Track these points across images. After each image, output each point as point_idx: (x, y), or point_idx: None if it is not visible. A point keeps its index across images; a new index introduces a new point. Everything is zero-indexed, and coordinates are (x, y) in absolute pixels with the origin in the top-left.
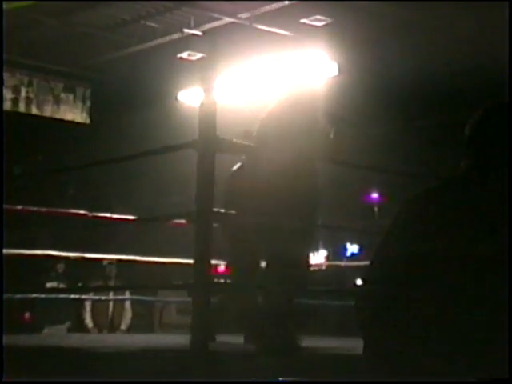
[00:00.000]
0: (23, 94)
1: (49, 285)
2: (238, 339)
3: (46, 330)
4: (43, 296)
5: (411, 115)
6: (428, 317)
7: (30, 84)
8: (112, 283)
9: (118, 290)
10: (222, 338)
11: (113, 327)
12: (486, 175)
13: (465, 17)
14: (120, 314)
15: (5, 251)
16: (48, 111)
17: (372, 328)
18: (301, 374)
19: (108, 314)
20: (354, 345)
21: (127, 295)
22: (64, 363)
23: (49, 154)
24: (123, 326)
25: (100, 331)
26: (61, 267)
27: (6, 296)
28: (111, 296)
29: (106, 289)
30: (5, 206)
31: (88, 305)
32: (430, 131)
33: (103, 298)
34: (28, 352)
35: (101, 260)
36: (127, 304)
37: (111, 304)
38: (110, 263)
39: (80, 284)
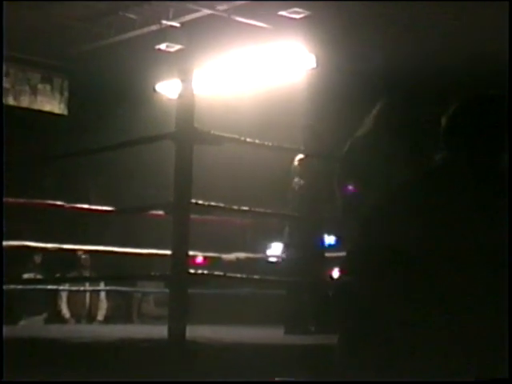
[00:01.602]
0: None
1: (26, 276)
2: (213, 330)
3: (22, 322)
4: (20, 287)
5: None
6: (405, 307)
7: (6, 74)
8: (87, 273)
9: (94, 280)
10: (198, 329)
11: (90, 318)
12: (460, 167)
13: (448, 11)
14: (96, 304)
15: None
16: (25, 102)
17: (348, 319)
18: None
19: (85, 304)
20: None
21: (102, 286)
22: (43, 354)
23: (26, 145)
24: (100, 317)
25: (77, 322)
26: (38, 258)
27: None
28: (88, 287)
29: (82, 279)
30: None
31: (64, 295)
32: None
33: (81, 288)
34: (6, 344)
35: (77, 251)
36: (102, 295)
37: (88, 294)
38: (84, 253)
39: (58, 275)
